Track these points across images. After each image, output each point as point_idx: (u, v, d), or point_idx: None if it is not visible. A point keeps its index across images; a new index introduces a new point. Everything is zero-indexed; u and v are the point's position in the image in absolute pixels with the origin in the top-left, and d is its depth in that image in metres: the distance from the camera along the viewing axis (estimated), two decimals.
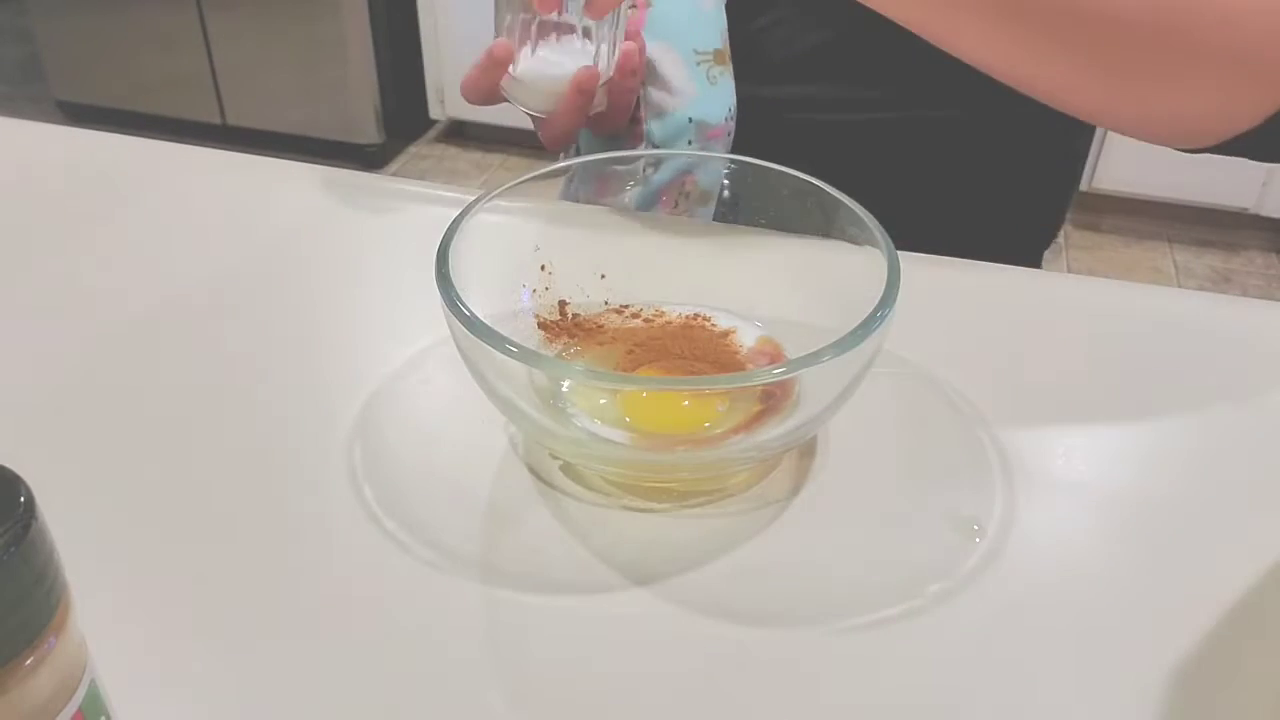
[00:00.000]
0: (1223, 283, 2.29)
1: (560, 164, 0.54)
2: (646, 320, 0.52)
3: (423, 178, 2.58)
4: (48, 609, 0.23)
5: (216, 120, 2.63)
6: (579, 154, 0.72)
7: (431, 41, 2.51)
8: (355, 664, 0.38)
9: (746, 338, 0.51)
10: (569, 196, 0.65)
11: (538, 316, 0.51)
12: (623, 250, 0.57)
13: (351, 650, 0.38)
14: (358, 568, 0.41)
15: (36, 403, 0.50)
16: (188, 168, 0.72)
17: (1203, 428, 0.50)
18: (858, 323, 0.40)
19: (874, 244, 0.45)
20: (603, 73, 0.59)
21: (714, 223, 0.62)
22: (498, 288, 0.50)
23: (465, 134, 2.75)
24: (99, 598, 0.30)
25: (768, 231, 0.52)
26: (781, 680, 0.37)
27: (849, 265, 0.46)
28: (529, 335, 0.50)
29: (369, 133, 2.56)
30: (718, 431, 0.45)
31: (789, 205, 0.50)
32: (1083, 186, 2.36)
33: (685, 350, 0.50)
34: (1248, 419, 0.51)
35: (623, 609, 0.40)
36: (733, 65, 0.67)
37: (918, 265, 0.59)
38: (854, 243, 0.47)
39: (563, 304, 0.52)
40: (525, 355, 0.40)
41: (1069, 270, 2.30)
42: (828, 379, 0.42)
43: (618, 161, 0.63)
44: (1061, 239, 2.39)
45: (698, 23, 0.66)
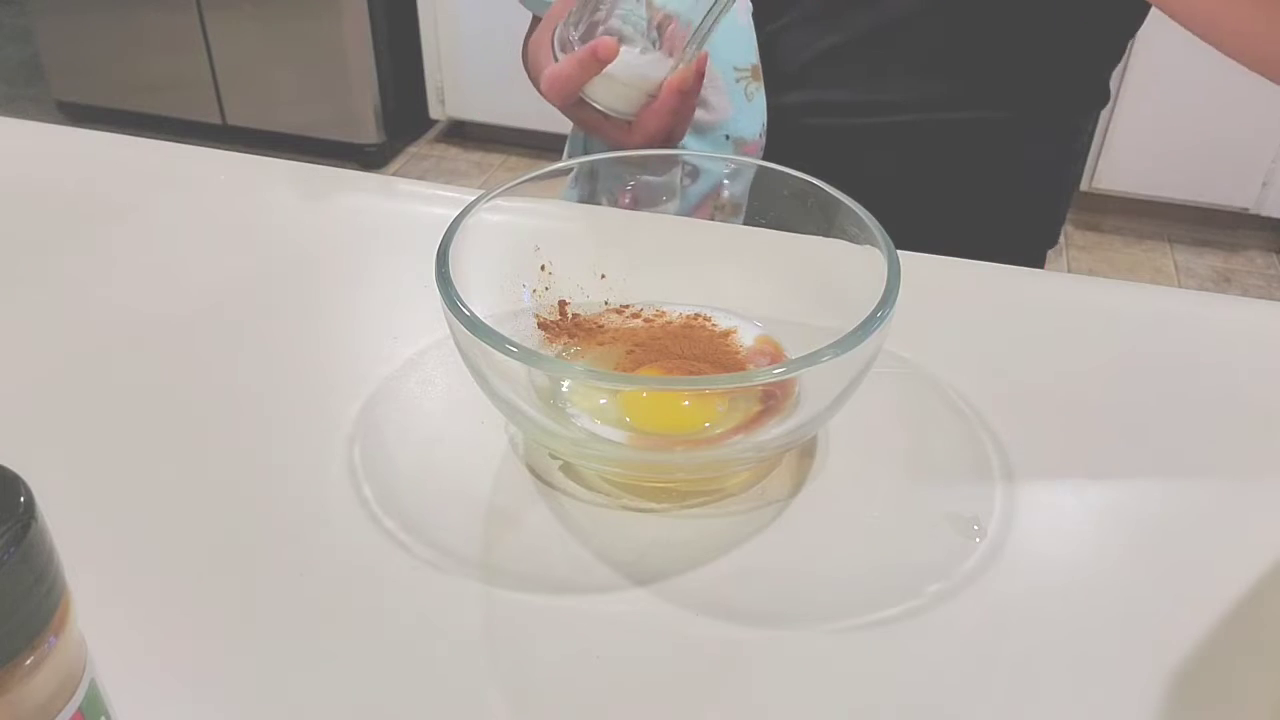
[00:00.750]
0: (1223, 283, 2.29)
1: (561, 164, 0.54)
2: (646, 320, 0.52)
3: (423, 178, 2.58)
4: (48, 609, 0.23)
5: (216, 120, 2.63)
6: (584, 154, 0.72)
7: (431, 41, 2.51)
8: (355, 664, 0.38)
9: (746, 338, 0.51)
10: (585, 196, 0.65)
11: (538, 316, 0.51)
12: (623, 250, 0.57)
13: (352, 650, 0.38)
14: (358, 568, 0.41)
15: (37, 403, 0.50)
16: (188, 168, 0.72)
17: (1202, 427, 0.50)
18: (858, 323, 0.40)
19: (874, 244, 0.45)
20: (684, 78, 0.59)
21: (714, 223, 0.61)
22: (498, 288, 0.50)
23: (465, 134, 2.74)
24: (99, 598, 0.30)
25: (768, 231, 0.52)
26: (782, 680, 0.37)
27: (849, 265, 0.46)
28: (529, 335, 0.50)
29: (369, 133, 2.56)
30: (718, 431, 0.45)
31: (789, 205, 0.50)
32: (1083, 186, 2.36)
33: (685, 350, 0.50)
34: (1248, 419, 0.51)
35: (623, 609, 0.40)
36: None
37: (918, 265, 0.59)
38: (854, 242, 0.47)
39: (563, 304, 0.52)
40: (525, 355, 0.40)
41: (1069, 270, 2.30)
42: (828, 379, 0.42)
43: (642, 171, 0.62)
44: (1062, 239, 2.39)
45: (735, 39, 0.66)
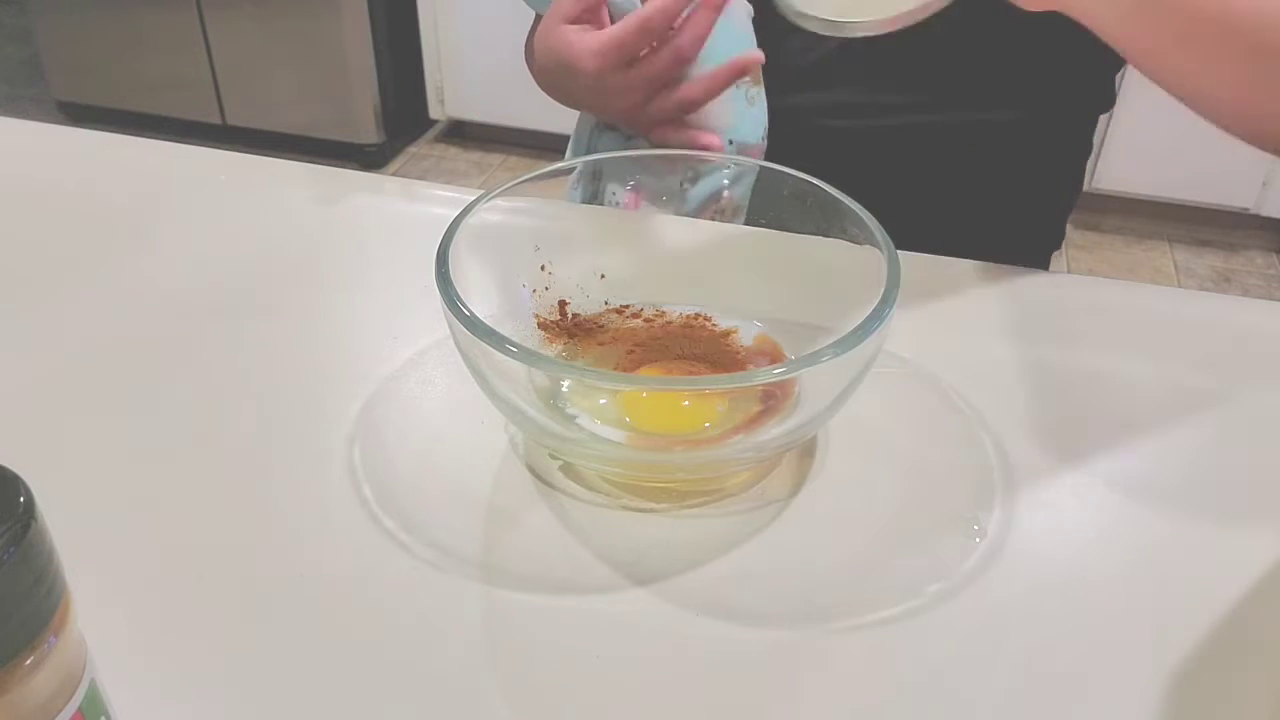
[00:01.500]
0: (1223, 283, 2.29)
1: (562, 164, 0.54)
2: (647, 320, 0.52)
3: (423, 178, 2.58)
4: (48, 609, 0.23)
5: (216, 120, 2.63)
6: (587, 154, 0.72)
7: (431, 41, 2.51)
8: (355, 663, 0.38)
9: (746, 337, 0.51)
10: (589, 197, 0.65)
11: (538, 316, 0.51)
12: (623, 250, 0.57)
13: (352, 650, 0.38)
14: (358, 568, 0.41)
15: (37, 403, 0.50)
16: (188, 168, 0.72)
17: (1202, 428, 0.50)
18: (858, 323, 0.40)
19: (874, 244, 0.45)
20: None
21: (714, 222, 0.61)
22: (498, 288, 0.50)
23: (465, 134, 2.74)
24: (99, 598, 0.30)
25: (768, 231, 0.52)
26: (781, 680, 0.37)
27: (849, 265, 0.46)
28: (529, 335, 0.50)
29: (369, 133, 2.56)
30: (718, 431, 0.45)
31: (789, 205, 0.50)
32: (1083, 187, 2.36)
33: (685, 350, 0.50)
34: (1248, 419, 0.51)
35: (623, 609, 0.40)
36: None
37: (918, 265, 0.59)
38: (854, 242, 0.46)
39: (563, 304, 0.52)
40: (525, 355, 0.40)
41: (1069, 270, 2.30)
42: (828, 379, 0.42)
43: (646, 173, 0.62)
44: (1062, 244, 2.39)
45: (737, 42, 0.66)
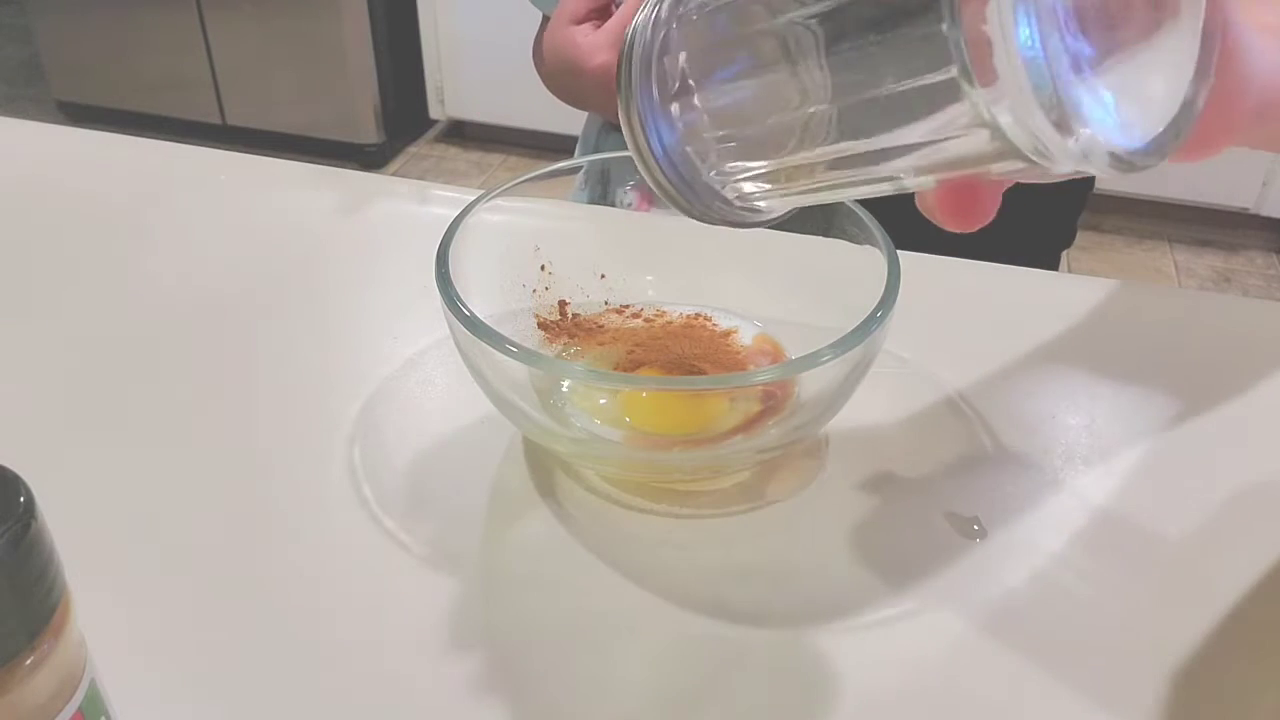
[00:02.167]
0: (1223, 283, 2.29)
1: (564, 164, 0.54)
2: (647, 320, 0.52)
3: (423, 178, 2.58)
4: (48, 609, 0.23)
5: (216, 120, 2.63)
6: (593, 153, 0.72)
7: (431, 41, 2.51)
8: (355, 664, 0.38)
9: (746, 337, 0.51)
10: (595, 198, 0.65)
11: (538, 316, 0.51)
12: (623, 250, 0.56)
13: (351, 650, 0.38)
14: (358, 568, 0.41)
15: (37, 403, 0.50)
16: (188, 168, 0.72)
17: (1203, 428, 0.50)
18: (858, 323, 0.40)
19: (874, 244, 0.45)
20: None
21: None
22: (498, 288, 0.50)
23: (465, 134, 2.74)
24: (99, 598, 0.30)
25: (768, 231, 0.52)
26: (781, 680, 0.37)
27: (849, 265, 0.46)
28: (529, 335, 0.50)
29: (369, 133, 2.55)
30: (718, 431, 0.45)
31: None
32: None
33: (685, 350, 0.50)
34: (1248, 419, 0.50)
35: (623, 609, 0.40)
36: None
37: (918, 265, 0.59)
38: (854, 242, 0.46)
39: (563, 304, 0.52)
40: (525, 355, 0.40)
41: (1069, 270, 2.30)
42: (828, 379, 0.42)
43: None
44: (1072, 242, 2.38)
45: None
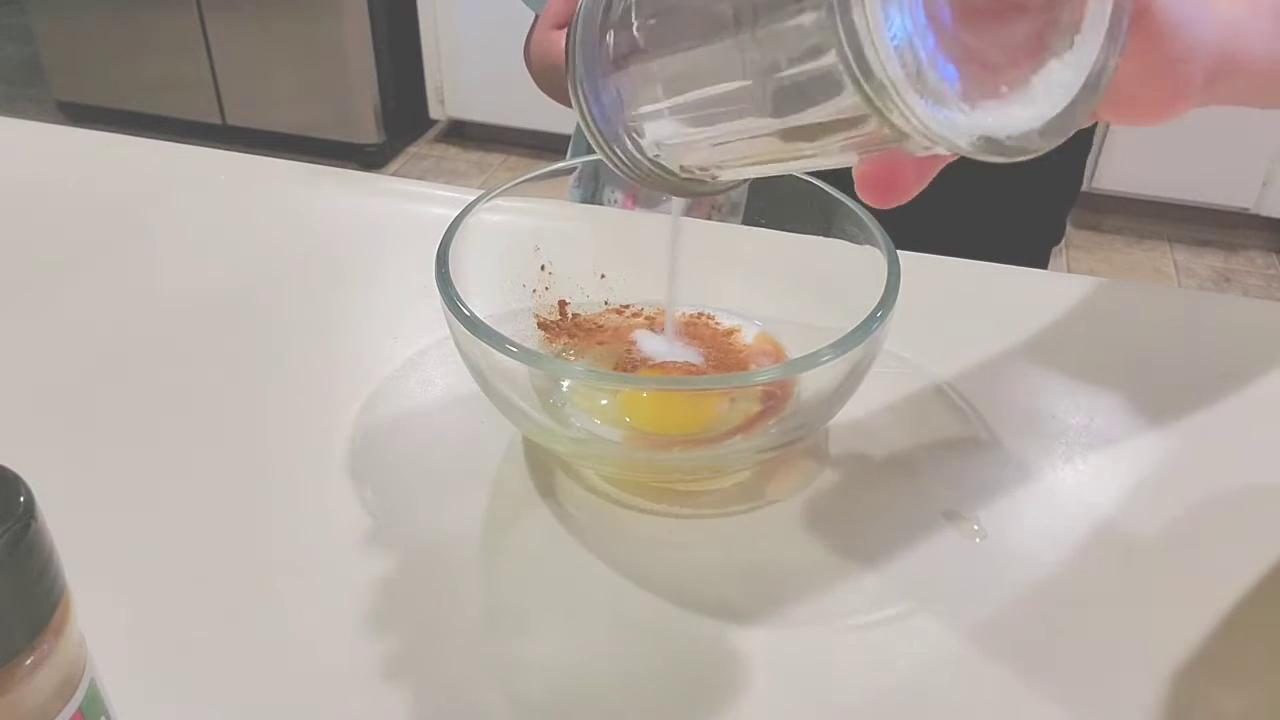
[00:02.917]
0: (1223, 283, 2.29)
1: (562, 164, 0.54)
2: (648, 319, 0.52)
3: (423, 178, 2.58)
4: (48, 609, 0.23)
5: (216, 120, 2.63)
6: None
7: (431, 41, 2.51)
8: (355, 663, 0.38)
9: (747, 337, 0.51)
10: (588, 197, 0.65)
11: (538, 316, 0.51)
12: (623, 250, 0.57)
13: (351, 650, 0.38)
14: (358, 567, 0.41)
15: (37, 403, 0.50)
16: (188, 168, 0.72)
17: (1203, 427, 0.50)
18: (858, 323, 0.40)
19: (874, 244, 0.45)
20: None
21: (714, 222, 0.61)
22: (498, 288, 0.50)
23: (465, 134, 2.74)
24: (99, 598, 0.30)
25: (768, 231, 0.52)
26: (781, 680, 0.37)
27: (849, 265, 0.46)
28: (529, 335, 0.50)
29: (369, 133, 2.56)
30: (718, 431, 0.45)
31: (789, 205, 0.50)
32: (1083, 186, 2.36)
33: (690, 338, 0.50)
34: (1248, 419, 0.50)
35: (623, 609, 0.40)
36: None
37: (918, 265, 0.59)
38: (854, 242, 0.46)
39: (563, 304, 0.52)
40: (525, 355, 0.40)
41: (1069, 270, 2.30)
42: (828, 379, 0.42)
43: None
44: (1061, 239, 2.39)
45: None
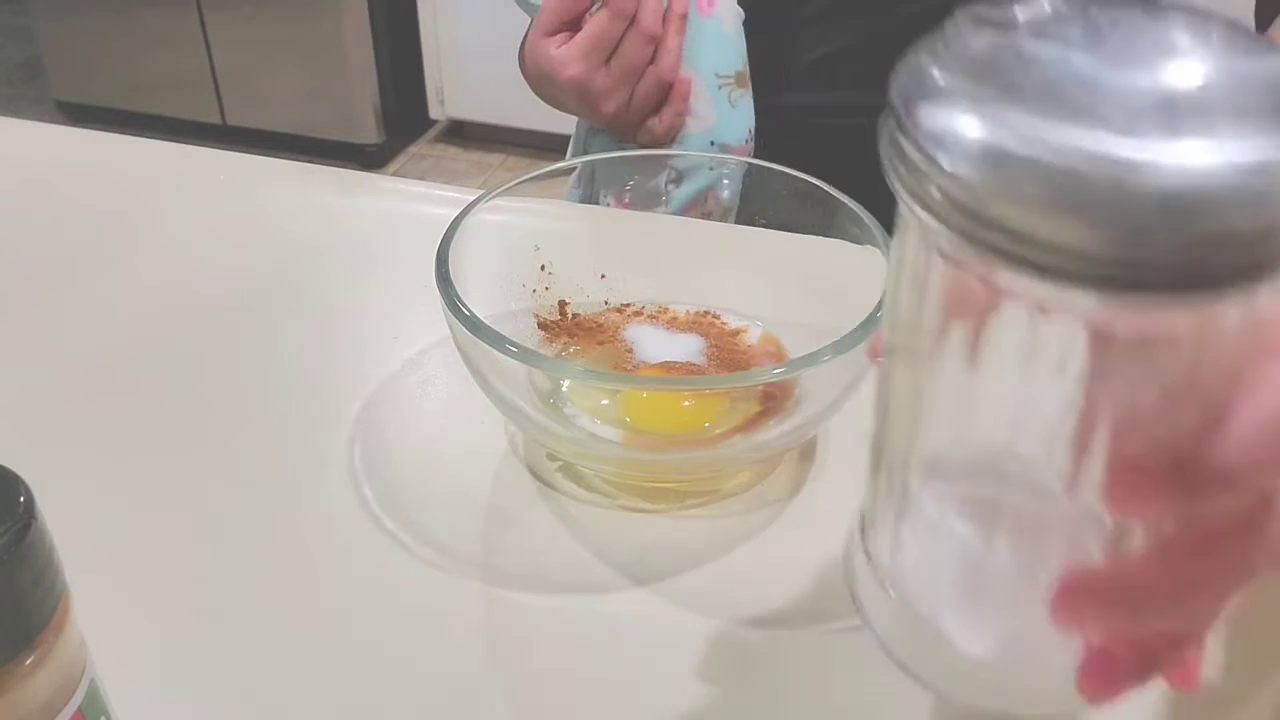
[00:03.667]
0: None
1: (562, 164, 0.54)
2: (650, 317, 0.52)
3: (423, 178, 2.58)
4: (48, 609, 0.23)
5: (216, 120, 2.63)
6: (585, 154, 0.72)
7: (431, 41, 2.51)
8: (355, 663, 0.38)
9: (752, 338, 0.51)
10: (586, 197, 0.65)
11: (538, 316, 0.51)
12: (623, 250, 0.57)
13: (351, 650, 0.38)
14: (358, 567, 0.41)
15: (37, 403, 0.50)
16: (188, 168, 0.71)
17: None
18: (858, 323, 0.40)
19: (874, 244, 0.45)
20: None
21: (714, 223, 0.61)
22: (498, 288, 0.50)
23: (465, 134, 2.74)
24: (99, 598, 0.30)
25: (768, 231, 0.52)
26: (781, 680, 0.37)
27: (849, 265, 0.46)
28: (529, 335, 0.50)
29: (369, 133, 2.55)
30: (718, 431, 0.45)
31: (789, 205, 0.50)
32: None
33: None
34: None
35: (623, 609, 0.40)
36: (751, 73, 0.67)
37: None
38: (854, 242, 0.46)
39: (563, 304, 0.52)
40: (525, 355, 0.40)
41: None
42: (828, 379, 0.42)
43: (639, 175, 0.62)
44: None
45: (720, 45, 0.66)
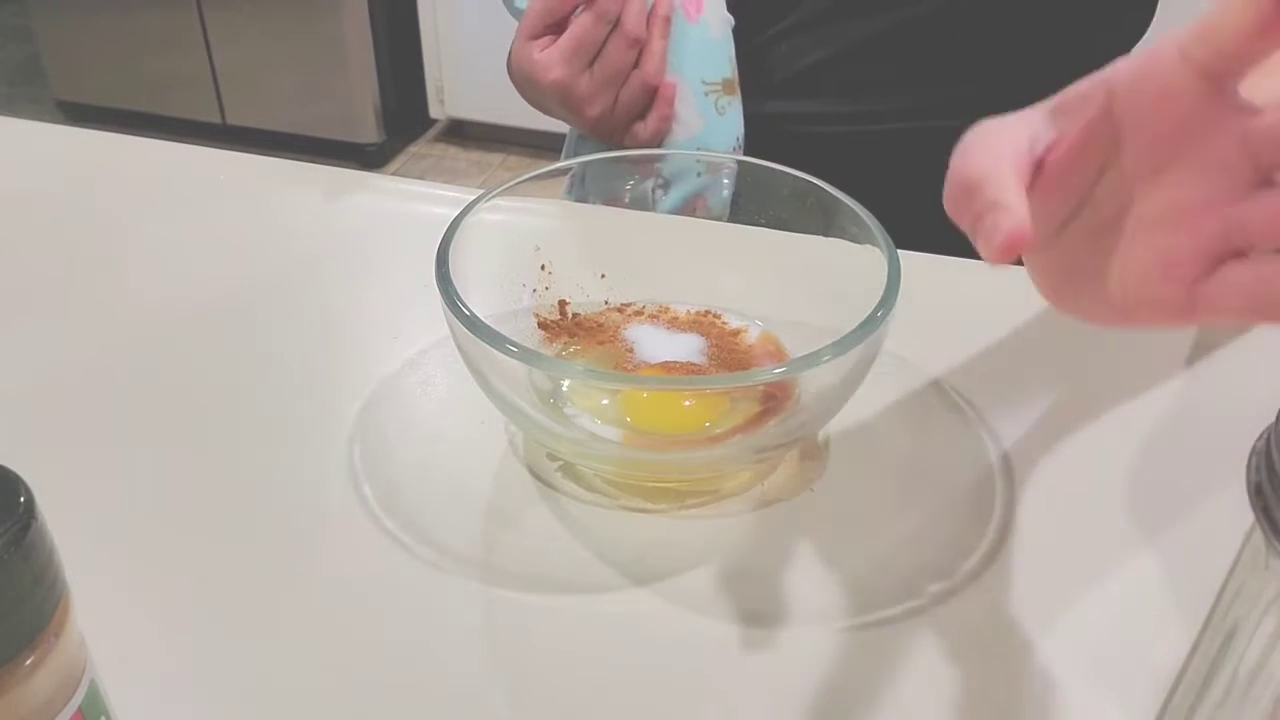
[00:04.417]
0: None
1: (561, 164, 0.54)
2: (651, 316, 0.52)
3: (423, 177, 2.58)
4: (48, 609, 0.23)
5: (216, 120, 2.63)
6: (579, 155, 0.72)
7: (431, 41, 2.51)
8: (355, 663, 0.38)
9: (752, 337, 0.51)
10: (579, 199, 0.65)
11: (538, 316, 0.51)
12: (623, 250, 0.57)
13: (351, 650, 0.38)
14: (358, 567, 0.41)
15: (37, 403, 0.50)
16: (188, 168, 0.71)
17: (1203, 428, 0.50)
18: (858, 323, 0.40)
19: (874, 244, 0.45)
20: None
21: (714, 222, 0.61)
22: (498, 288, 0.50)
23: (465, 134, 2.74)
24: (99, 598, 0.30)
25: (768, 231, 0.52)
26: (781, 680, 0.37)
27: (849, 265, 0.46)
28: (529, 335, 0.50)
29: (369, 132, 2.55)
30: (718, 431, 0.45)
31: (789, 205, 0.50)
32: None
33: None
34: (1248, 420, 0.50)
35: (623, 609, 0.40)
36: (739, 83, 0.67)
37: (918, 265, 0.59)
38: (854, 242, 0.47)
39: (563, 304, 0.52)
40: (525, 355, 0.40)
41: None
42: (828, 379, 0.42)
43: (626, 180, 0.62)
44: None
45: (707, 52, 0.66)
